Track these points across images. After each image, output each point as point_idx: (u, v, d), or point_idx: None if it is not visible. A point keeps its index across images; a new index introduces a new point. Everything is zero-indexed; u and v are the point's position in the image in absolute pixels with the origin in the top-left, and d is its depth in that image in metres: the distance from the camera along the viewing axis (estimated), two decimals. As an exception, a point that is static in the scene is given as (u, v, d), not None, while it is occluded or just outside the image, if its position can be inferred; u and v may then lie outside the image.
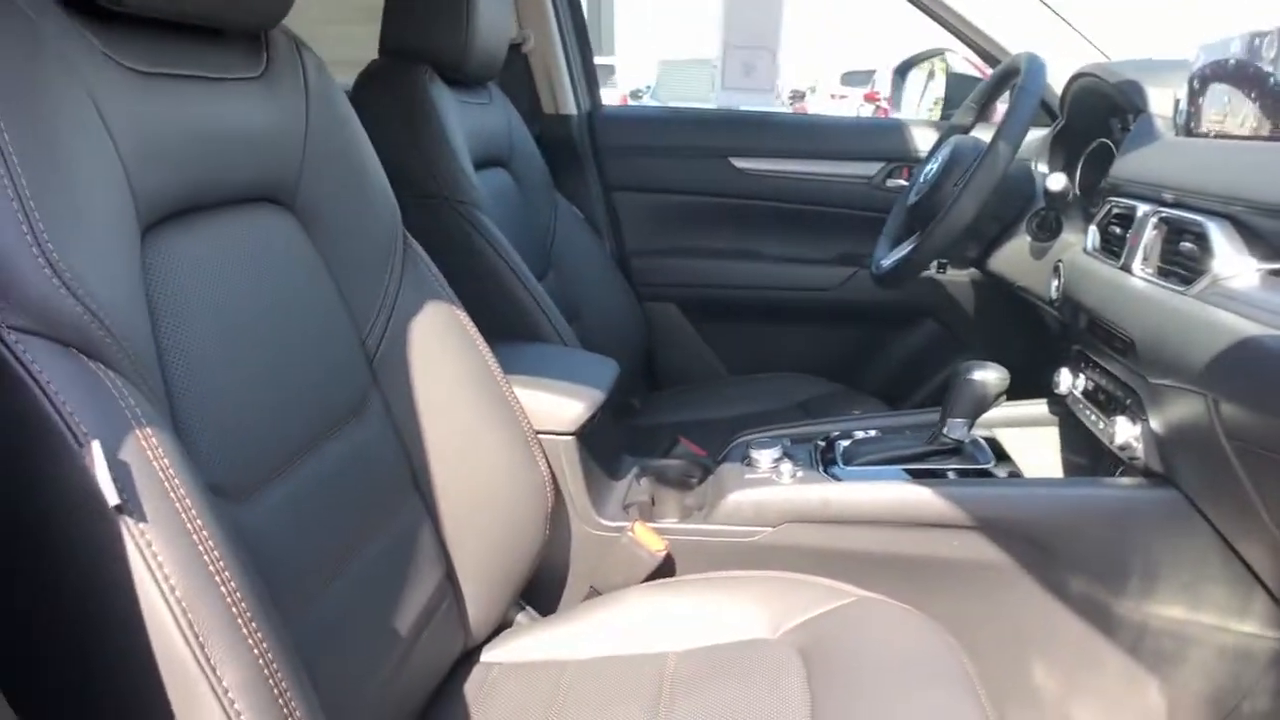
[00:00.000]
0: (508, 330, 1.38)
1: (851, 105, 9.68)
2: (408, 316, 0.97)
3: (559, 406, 1.14)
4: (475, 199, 1.39)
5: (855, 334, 2.09)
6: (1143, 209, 1.09)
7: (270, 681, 0.56)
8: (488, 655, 1.03)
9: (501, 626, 1.08)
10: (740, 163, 2.02)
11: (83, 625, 0.54)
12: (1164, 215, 1.05)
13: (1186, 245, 1.00)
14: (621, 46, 14.28)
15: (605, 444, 1.27)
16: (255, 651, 0.55)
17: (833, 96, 10.91)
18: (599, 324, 1.78)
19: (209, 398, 0.70)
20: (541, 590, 1.18)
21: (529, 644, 1.03)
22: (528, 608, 1.13)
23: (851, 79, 10.46)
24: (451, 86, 1.49)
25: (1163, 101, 1.21)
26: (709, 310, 2.10)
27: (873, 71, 9.74)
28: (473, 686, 0.98)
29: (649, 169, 2.05)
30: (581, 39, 2.05)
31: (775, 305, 2.07)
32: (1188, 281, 0.97)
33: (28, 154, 0.55)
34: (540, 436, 1.09)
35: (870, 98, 9.34)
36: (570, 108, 2.02)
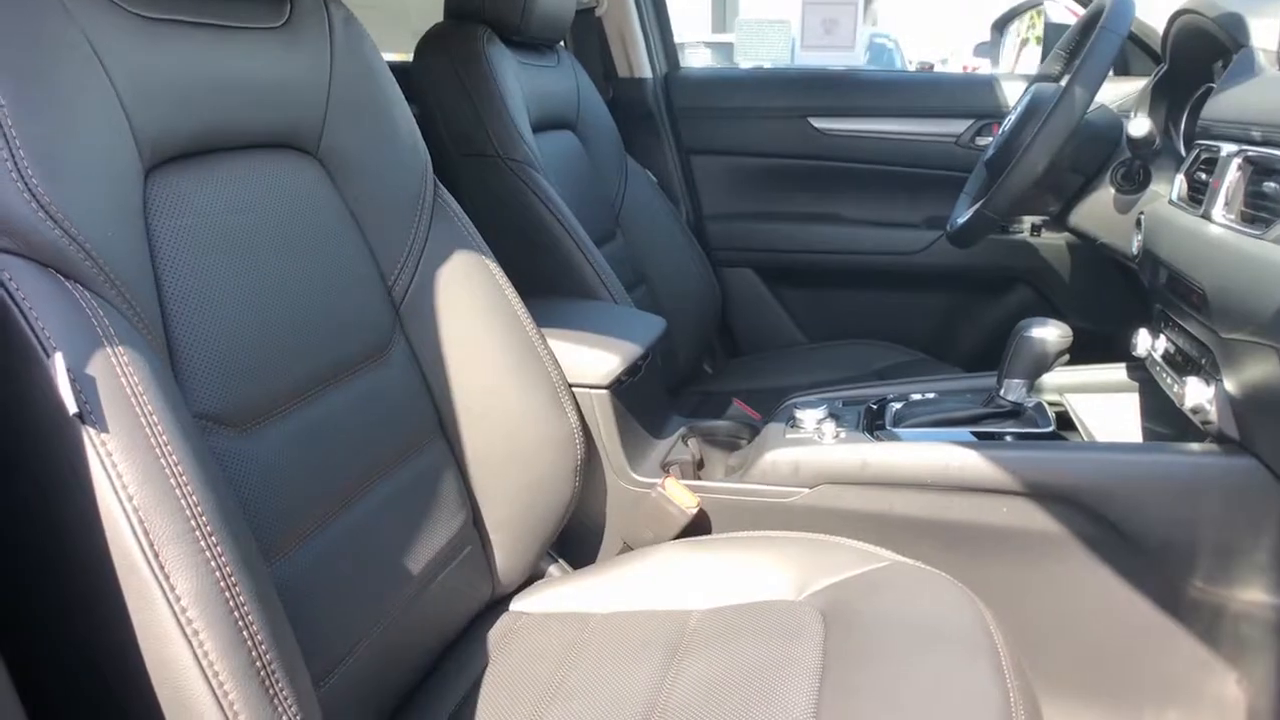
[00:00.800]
0: (559, 288, 1.38)
1: (985, 78, 9.20)
2: (436, 264, 0.98)
3: (593, 359, 1.13)
4: (529, 158, 1.39)
5: (942, 300, 1.99)
6: (1227, 149, 0.98)
7: (227, 594, 0.57)
8: (517, 604, 1.04)
9: (534, 577, 1.08)
10: (820, 123, 1.95)
11: (44, 529, 0.57)
12: (1249, 155, 0.95)
13: (1270, 185, 0.89)
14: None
15: (647, 400, 1.26)
16: (213, 564, 0.57)
17: (964, 68, 10.42)
18: (670, 289, 1.76)
19: (211, 329, 0.72)
20: (575, 543, 1.18)
21: (557, 595, 1.04)
22: (560, 560, 1.13)
23: (983, 50, 9.96)
24: (514, 48, 1.49)
25: (1266, 34, 1.08)
26: (787, 276, 2.05)
27: (1008, 41, 9.22)
28: (496, 632, 0.99)
29: (726, 131, 2.01)
30: (658, 1, 2.02)
31: (857, 270, 1.99)
32: (1269, 225, 0.87)
33: (10, 89, 0.59)
34: (574, 389, 1.08)
35: (1004, 69, 8.85)
36: (645, 71, 1.99)
